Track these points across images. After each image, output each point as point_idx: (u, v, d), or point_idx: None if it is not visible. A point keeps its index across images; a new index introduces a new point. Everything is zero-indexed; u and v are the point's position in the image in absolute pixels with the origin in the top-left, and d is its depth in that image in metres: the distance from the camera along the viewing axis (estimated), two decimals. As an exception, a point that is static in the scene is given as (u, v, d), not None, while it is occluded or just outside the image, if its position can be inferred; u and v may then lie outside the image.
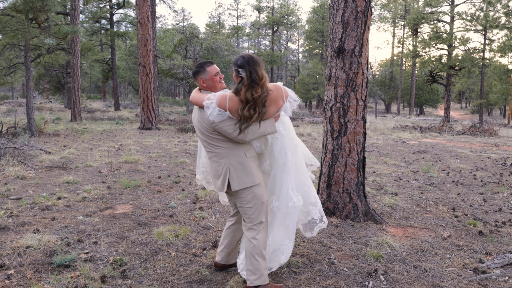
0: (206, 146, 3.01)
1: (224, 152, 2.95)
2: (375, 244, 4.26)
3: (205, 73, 2.99)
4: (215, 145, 2.94)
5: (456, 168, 9.39)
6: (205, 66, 3.00)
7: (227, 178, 2.96)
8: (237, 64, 2.79)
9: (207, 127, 2.88)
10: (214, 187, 3.21)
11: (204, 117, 2.86)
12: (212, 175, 3.08)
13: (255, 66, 2.76)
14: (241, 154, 2.96)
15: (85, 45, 21.07)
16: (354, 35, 4.91)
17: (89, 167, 7.80)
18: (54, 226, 4.41)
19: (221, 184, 2.99)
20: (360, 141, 5.07)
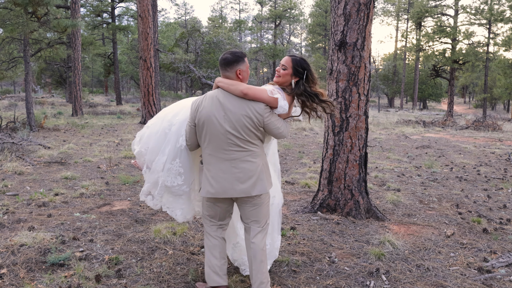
0: (237, 143, 2.69)
1: (259, 150, 2.78)
2: (377, 242, 4.17)
3: (244, 63, 2.79)
4: (253, 143, 2.73)
5: (460, 163, 9.28)
6: (243, 56, 2.81)
7: (262, 178, 2.76)
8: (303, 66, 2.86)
9: (258, 121, 2.68)
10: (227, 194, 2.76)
11: (260, 111, 2.67)
12: (237, 177, 2.72)
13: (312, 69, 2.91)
14: (264, 154, 2.89)
15: (87, 39, 20.94)
16: (356, 28, 4.78)
17: (88, 163, 7.72)
18: (50, 223, 4.34)
19: (251, 186, 2.72)
20: (362, 136, 4.97)
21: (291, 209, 5.26)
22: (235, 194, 2.71)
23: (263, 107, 2.67)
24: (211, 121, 2.69)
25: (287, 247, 3.99)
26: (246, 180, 2.71)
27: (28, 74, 11.79)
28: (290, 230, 4.38)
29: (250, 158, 2.72)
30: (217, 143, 2.70)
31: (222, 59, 2.77)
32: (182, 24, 53.33)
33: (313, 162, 8.65)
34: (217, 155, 2.72)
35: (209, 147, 2.74)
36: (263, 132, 2.74)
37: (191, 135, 2.83)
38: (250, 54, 33.49)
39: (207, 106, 2.71)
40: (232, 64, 2.74)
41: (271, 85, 2.89)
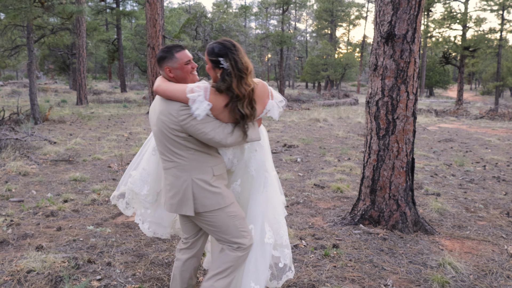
0: (163, 153, 2.33)
1: (187, 164, 2.30)
2: (435, 264, 3.63)
3: (173, 60, 2.32)
4: (177, 153, 2.29)
5: (490, 159, 8.74)
6: (173, 51, 2.34)
7: (188, 197, 2.30)
8: (215, 53, 2.21)
9: (175, 127, 2.22)
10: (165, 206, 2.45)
11: (173, 113, 2.21)
12: (165, 191, 2.40)
13: (238, 53, 2.23)
14: (207, 170, 2.33)
15: (90, 24, 20.25)
16: (406, 18, 4.17)
17: (98, 161, 7.18)
18: (60, 239, 3.81)
19: (178, 204, 2.32)
20: (410, 140, 4.40)
21: (328, 219, 4.71)
22: (167, 209, 2.40)
23: (178, 107, 2.20)
24: (152, 123, 2.40)
25: (334, 270, 3.46)
26: (173, 196, 2.35)
27: (32, 62, 11.19)
28: (333, 249, 3.85)
29: (176, 171, 2.31)
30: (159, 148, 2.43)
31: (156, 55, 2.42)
32: (187, 9, 52.30)
33: (337, 160, 8.08)
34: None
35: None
36: (193, 140, 2.27)
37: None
38: (257, 40, 32.64)
39: (155, 105, 2.40)
40: (160, 62, 2.35)
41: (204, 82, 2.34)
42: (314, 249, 3.83)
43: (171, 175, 2.33)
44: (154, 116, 2.33)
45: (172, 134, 2.24)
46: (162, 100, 2.30)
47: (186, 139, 2.25)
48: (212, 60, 2.22)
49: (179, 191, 2.31)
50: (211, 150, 2.35)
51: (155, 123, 2.31)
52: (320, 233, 4.26)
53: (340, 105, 24.04)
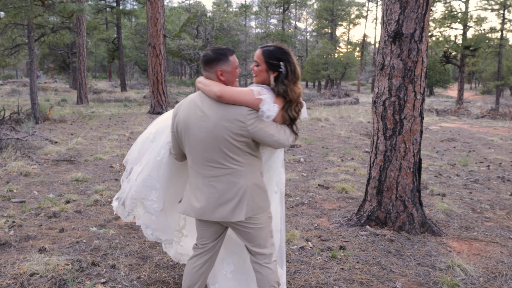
0: (216, 160, 2.23)
1: (243, 170, 2.25)
2: (444, 266, 3.58)
3: (228, 63, 2.27)
4: (235, 159, 2.22)
5: (494, 159, 8.70)
6: (227, 54, 2.28)
7: (243, 202, 2.25)
8: (277, 57, 2.26)
9: (241, 132, 2.17)
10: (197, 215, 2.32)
11: (241, 118, 2.16)
12: (215, 198, 2.26)
13: (294, 59, 2.32)
14: (257, 173, 2.34)
15: (90, 23, 20.17)
16: (414, 16, 4.12)
17: (100, 161, 7.12)
18: (63, 241, 3.75)
19: (231, 210, 2.24)
20: (417, 140, 4.34)
21: (333, 220, 4.66)
22: (212, 217, 2.27)
23: (246, 112, 2.17)
24: (188, 129, 2.26)
25: (341, 273, 3.40)
26: (224, 204, 2.25)
27: (33, 61, 11.12)
28: (340, 250, 3.79)
29: (231, 177, 2.24)
30: (195, 155, 2.28)
31: (202, 56, 2.32)
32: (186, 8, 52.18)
33: (341, 160, 8.03)
34: (196, 169, 2.30)
35: (189, 158, 2.34)
36: (251, 144, 2.24)
37: (174, 143, 2.44)
38: (257, 40, 32.58)
39: (185, 111, 2.29)
40: (212, 63, 2.25)
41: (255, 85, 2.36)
42: (321, 251, 3.77)
43: (223, 183, 2.24)
44: (207, 123, 2.19)
45: (235, 140, 2.18)
46: (219, 105, 2.19)
47: (247, 144, 2.22)
48: (271, 63, 2.25)
49: (233, 198, 2.24)
50: (259, 154, 2.37)
51: (211, 130, 2.18)
52: (326, 234, 4.21)
53: (341, 104, 23.98)
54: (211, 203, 2.26)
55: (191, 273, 2.46)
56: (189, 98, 2.35)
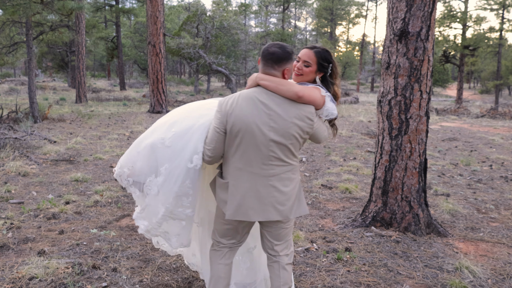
0: (280, 158, 2.21)
1: (297, 166, 2.36)
2: (451, 268, 3.52)
3: (292, 62, 2.29)
4: (295, 156, 2.29)
5: (496, 159, 8.66)
6: (293, 53, 2.30)
7: (300, 197, 2.37)
8: (328, 59, 2.35)
9: (309, 130, 2.24)
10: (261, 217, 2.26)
11: (310, 116, 2.21)
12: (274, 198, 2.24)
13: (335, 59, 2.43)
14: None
15: (89, 22, 20.04)
16: (421, 15, 4.05)
17: (99, 160, 7.03)
18: (63, 244, 3.67)
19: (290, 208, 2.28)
20: (423, 140, 4.28)
21: (338, 221, 4.59)
22: (272, 217, 2.25)
23: (313, 111, 2.24)
24: (249, 129, 2.14)
25: (348, 275, 3.33)
26: (285, 201, 2.27)
27: (31, 60, 11.01)
28: (346, 252, 3.72)
29: (290, 174, 2.28)
30: (253, 156, 2.19)
31: (271, 53, 2.20)
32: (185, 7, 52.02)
33: (343, 160, 7.95)
34: (250, 170, 2.21)
35: (240, 160, 2.21)
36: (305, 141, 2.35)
37: (218, 144, 2.23)
38: (257, 39, 32.48)
39: (244, 109, 2.15)
40: (282, 62, 2.20)
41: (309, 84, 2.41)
42: (326, 253, 3.71)
43: (285, 179, 2.25)
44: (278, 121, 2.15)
45: (301, 138, 2.23)
46: (290, 104, 2.18)
47: (305, 140, 2.32)
48: (323, 64, 2.32)
49: (293, 194, 2.30)
50: None
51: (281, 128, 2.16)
52: (331, 235, 4.14)
53: (340, 104, 23.93)
54: (269, 203, 2.23)
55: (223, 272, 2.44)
56: (243, 96, 2.20)
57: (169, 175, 2.30)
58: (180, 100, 19.61)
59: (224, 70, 18.08)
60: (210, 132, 2.25)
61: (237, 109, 2.15)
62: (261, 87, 2.20)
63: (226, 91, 30.44)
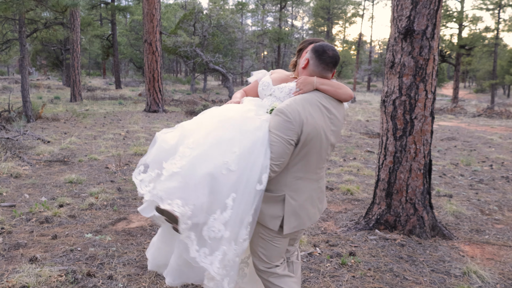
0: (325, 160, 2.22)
1: None
2: (459, 273, 3.41)
3: None
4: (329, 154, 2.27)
5: (496, 159, 8.60)
6: None
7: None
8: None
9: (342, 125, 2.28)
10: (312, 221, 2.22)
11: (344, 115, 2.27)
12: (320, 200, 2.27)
13: None
14: None
15: (84, 19, 19.81)
16: (426, 13, 3.93)
17: (94, 161, 6.86)
18: (56, 249, 3.52)
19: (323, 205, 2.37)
20: (428, 141, 4.17)
21: (340, 224, 4.47)
22: (317, 219, 2.29)
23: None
24: (319, 136, 2.06)
25: (353, 281, 3.22)
26: (323, 200, 2.34)
27: (24, 58, 10.80)
28: (350, 257, 3.60)
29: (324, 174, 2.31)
30: (313, 161, 2.11)
31: (331, 56, 2.11)
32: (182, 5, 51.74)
33: (343, 160, 7.84)
34: (308, 177, 2.13)
35: (302, 169, 2.09)
36: None
37: (287, 157, 2.00)
38: (254, 37, 32.32)
39: (314, 117, 2.04)
40: (336, 65, 2.17)
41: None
42: (330, 258, 3.59)
43: (324, 178, 2.30)
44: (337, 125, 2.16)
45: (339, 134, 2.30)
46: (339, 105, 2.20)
47: None
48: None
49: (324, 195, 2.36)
50: None
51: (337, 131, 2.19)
52: (334, 239, 4.02)
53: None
54: (316, 206, 2.24)
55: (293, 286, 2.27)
56: (308, 102, 2.06)
57: (239, 206, 1.92)
58: (177, 99, 19.42)
59: (221, 68, 17.93)
60: (277, 145, 1.97)
61: (309, 117, 2.02)
62: (318, 91, 2.12)
63: (223, 90, 30.26)
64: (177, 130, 2.11)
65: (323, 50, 2.11)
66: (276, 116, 2.01)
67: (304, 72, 2.18)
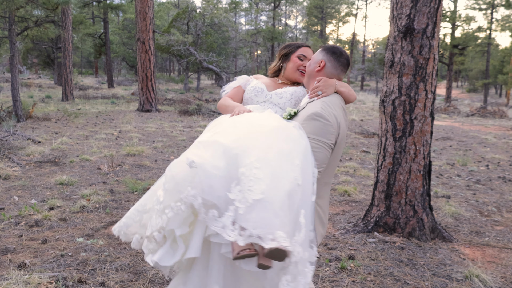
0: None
1: None
2: (461, 277, 3.34)
3: None
4: None
5: (492, 158, 8.59)
6: None
7: None
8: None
9: None
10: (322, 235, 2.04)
11: None
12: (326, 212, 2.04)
13: None
14: None
15: (76, 17, 19.57)
16: (427, 11, 3.86)
17: (86, 162, 6.71)
18: (46, 255, 3.40)
19: None
20: (428, 142, 4.09)
21: (338, 226, 4.38)
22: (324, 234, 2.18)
23: None
24: (344, 138, 2.04)
25: (353, 286, 3.13)
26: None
27: (14, 56, 10.59)
28: (349, 260, 3.52)
29: None
30: (336, 165, 2.07)
31: (347, 59, 2.13)
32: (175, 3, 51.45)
33: (339, 160, 7.77)
34: (330, 182, 2.09)
35: (329, 173, 2.02)
36: None
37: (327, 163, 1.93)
38: (247, 36, 32.19)
39: (342, 119, 2.02)
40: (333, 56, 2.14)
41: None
42: (329, 261, 3.50)
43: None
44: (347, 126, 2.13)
45: None
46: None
47: None
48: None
49: None
50: None
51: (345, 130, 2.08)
52: (332, 242, 3.93)
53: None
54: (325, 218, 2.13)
55: None
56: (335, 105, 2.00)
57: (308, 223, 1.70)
58: (170, 98, 19.25)
59: (215, 68, 17.79)
60: (319, 151, 1.86)
61: (341, 120, 1.99)
62: (337, 94, 2.09)
63: (217, 89, 30.10)
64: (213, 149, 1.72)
65: (340, 52, 2.10)
66: (314, 121, 1.88)
67: (319, 74, 2.12)
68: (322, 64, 2.09)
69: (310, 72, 2.17)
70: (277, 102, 2.20)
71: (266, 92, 2.26)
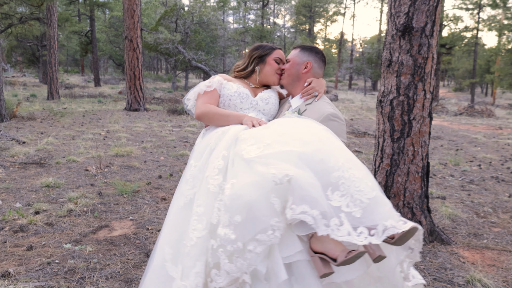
0: None
1: None
2: (462, 281, 3.27)
3: None
4: None
5: (483, 158, 8.63)
6: None
7: None
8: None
9: None
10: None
11: None
12: None
13: None
14: None
15: (62, 15, 19.18)
16: (426, 9, 3.77)
17: (73, 163, 6.50)
18: (32, 262, 3.22)
19: None
20: (426, 143, 4.02)
21: (335, 229, 4.28)
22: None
23: None
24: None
25: (353, 294, 3.02)
26: None
27: (-3, 54, 10.27)
28: (348, 266, 3.41)
29: None
30: None
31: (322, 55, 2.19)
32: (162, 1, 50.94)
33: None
34: None
35: None
36: None
37: None
38: (236, 35, 32.02)
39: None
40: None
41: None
42: (328, 267, 3.39)
43: None
44: None
45: None
46: None
47: None
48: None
49: None
50: None
51: None
52: (330, 246, 3.83)
53: (321, 101, 23.76)
54: None
55: None
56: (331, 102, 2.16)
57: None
58: (158, 97, 18.98)
59: (204, 66, 17.63)
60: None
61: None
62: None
63: (205, 88, 29.77)
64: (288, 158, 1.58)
65: (320, 51, 2.17)
66: (332, 122, 1.92)
67: (307, 75, 2.12)
68: (309, 66, 2.09)
69: (295, 74, 2.13)
70: (263, 108, 2.11)
71: (251, 98, 2.12)
